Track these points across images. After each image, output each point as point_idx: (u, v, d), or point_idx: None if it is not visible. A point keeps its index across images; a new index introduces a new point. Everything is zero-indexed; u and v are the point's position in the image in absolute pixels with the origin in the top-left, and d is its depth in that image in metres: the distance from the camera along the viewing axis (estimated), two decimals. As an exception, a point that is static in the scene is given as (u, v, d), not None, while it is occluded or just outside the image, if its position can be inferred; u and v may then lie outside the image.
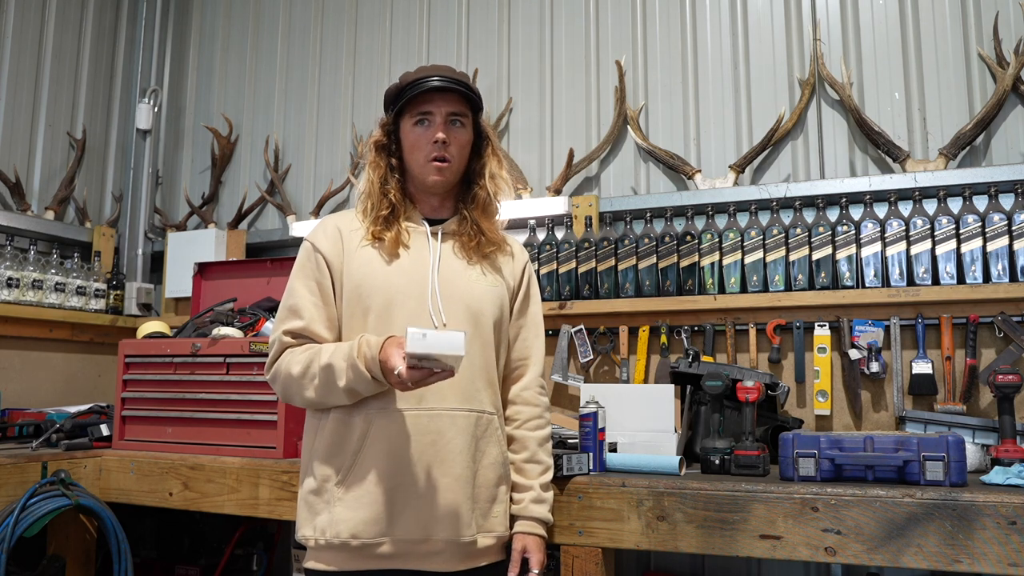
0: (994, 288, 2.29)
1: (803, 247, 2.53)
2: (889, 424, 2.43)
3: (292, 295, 1.65)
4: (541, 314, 1.83)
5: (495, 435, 1.66)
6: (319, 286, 1.64)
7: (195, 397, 2.45)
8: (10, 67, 3.32)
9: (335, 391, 1.55)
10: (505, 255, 1.77)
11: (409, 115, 1.66)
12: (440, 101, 1.65)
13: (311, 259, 1.66)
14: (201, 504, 2.29)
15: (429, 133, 1.64)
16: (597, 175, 3.02)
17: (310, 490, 1.60)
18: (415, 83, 1.65)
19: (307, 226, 3.33)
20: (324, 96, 3.58)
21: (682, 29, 2.98)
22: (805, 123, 2.76)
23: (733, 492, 1.75)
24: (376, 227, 1.65)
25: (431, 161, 1.64)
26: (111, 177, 3.72)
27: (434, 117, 1.65)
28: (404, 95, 1.65)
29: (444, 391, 1.57)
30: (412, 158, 1.67)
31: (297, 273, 1.67)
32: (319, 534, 1.56)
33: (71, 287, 3.22)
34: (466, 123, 1.69)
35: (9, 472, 2.20)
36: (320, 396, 1.57)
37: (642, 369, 2.69)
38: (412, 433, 1.57)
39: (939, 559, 1.58)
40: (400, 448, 1.56)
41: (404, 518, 1.55)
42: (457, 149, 1.67)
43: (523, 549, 1.66)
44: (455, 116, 1.66)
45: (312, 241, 1.68)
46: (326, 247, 1.66)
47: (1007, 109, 2.51)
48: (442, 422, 1.58)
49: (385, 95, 1.74)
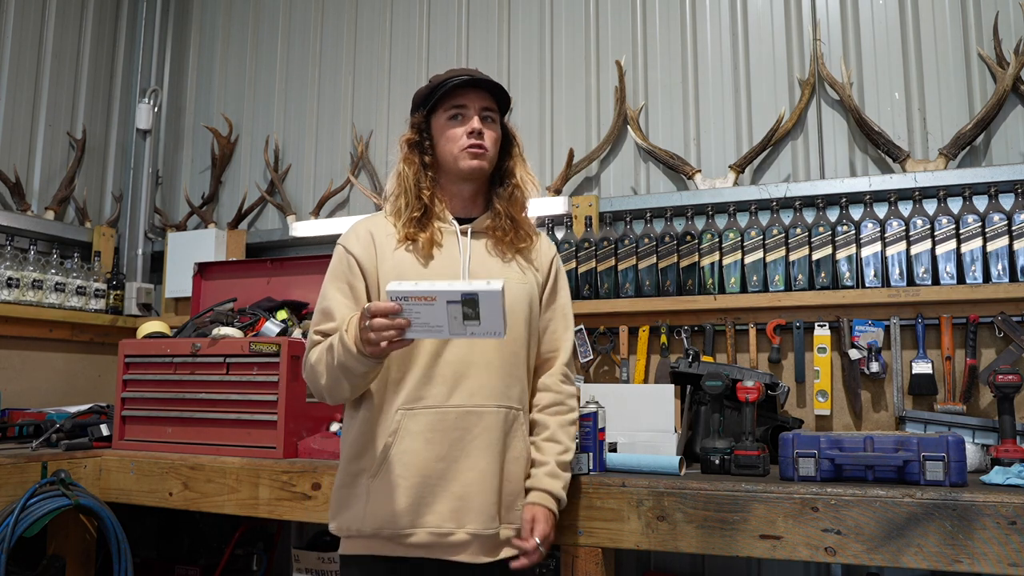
0: (994, 288, 2.29)
1: (803, 247, 2.53)
2: (889, 424, 2.43)
3: (325, 298, 1.68)
4: (570, 305, 1.84)
5: (520, 430, 1.67)
6: (351, 288, 1.67)
7: (195, 397, 2.45)
8: (10, 67, 3.32)
9: (334, 372, 1.56)
10: (535, 249, 1.78)
11: (443, 110, 1.70)
12: (474, 95, 1.69)
13: (343, 261, 1.69)
14: (201, 504, 2.29)
15: (464, 124, 1.68)
16: (597, 175, 3.02)
17: (344, 484, 1.66)
18: (447, 80, 1.68)
19: (307, 226, 3.34)
20: (324, 96, 3.58)
21: (682, 29, 2.98)
22: (805, 123, 2.76)
23: (733, 492, 1.75)
24: (410, 228, 1.67)
25: (467, 148, 1.66)
26: (111, 177, 3.72)
27: (468, 111, 1.68)
28: (438, 91, 1.68)
29: (473, 388, 1.61)
30: (447, 150, 1.69)
31: (330, 276, 1.70)
32: (353, 524, 1.62)
33: (71, 287, 3.22)
34: (496, 120, 1.73)
35: (9, 472, 2.20)
36: (329, 381, 1.59)
37: (642, 369, 2.69)
38: (440, 429, 1.60)
39: (939, 559, 1.58)
40: (429, 444, 1.59)
41: (433, 511, 1.58)
42: (491, 142, 1.70)
43: (532, 519, 1.63)
44: (487, 112, 1.70)
45: (344, 244, 1.71)
46: (358, 250, 1.68)
47: (1007, 109, 2.51)
48: (469, 419, 1.61)
49: (415, 96, 1.77)
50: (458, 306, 1.34)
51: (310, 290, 2.88)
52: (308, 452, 2.32)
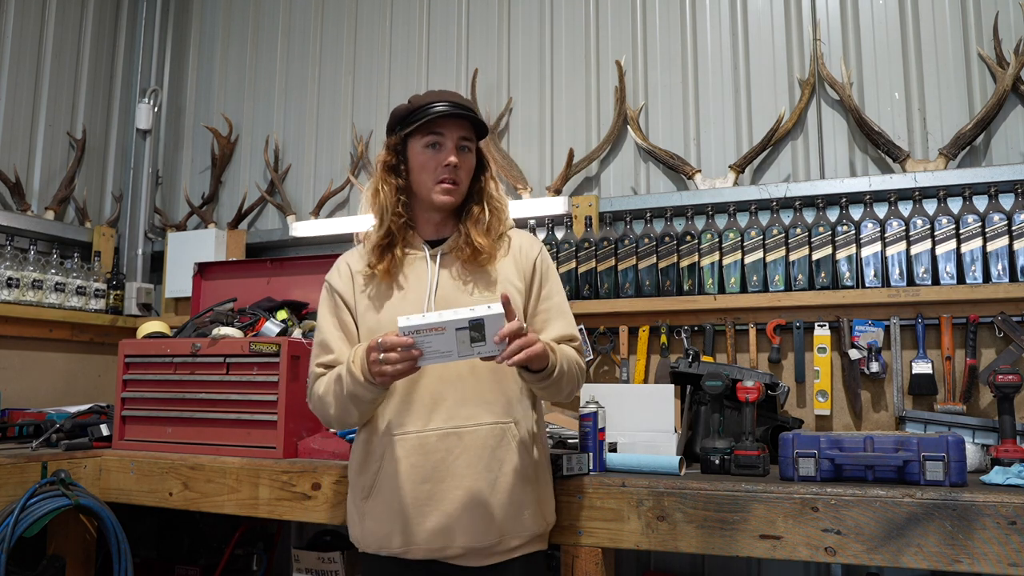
0: (994, 288, 2.29)
1: (803, 247, 2.53)
2: (889, 424, 2.43)
3: (320, 331, 1.75)
4: (563, 298, 1.81)
5: (515, 442, 1.67)
6: (341, 323, 1.74)
7: (195, 397, 2.45)
8: (10, 67, 3.32)
9: (343, 401, 1.62)
10: (507, 256, 1.76)
11: (420, 137, 1.70)
12: (452, 126, 1.70)
13: (331, 298, 1.77)
14: (201, 504, 2.29)
15: (440, 156, 1.69)
16: (597, 175, 3.02)
17: (351, 499, 1.77)
18: (427, 107, 1.68)
19: (307, 226, 3.34)
20: (324, 96, 3.58)
21: (682, 29, 2.98)
22: (805, 123, 2.76)
23: (733, 492, 1.75)
24: (372, 257, 1.72)
25: (440, 183, 1.69)
26: (111, 177, 3.72)
27: (446, 141, 1.69)
28: (415, 118, 1.69)
29: (452, 409, 1.64)
30: (420, 179, 1.71)
31: (321, 310, 1.78)
32: (358, 539, 1.73)
33: (71, 287, 3.22)
34: (472, 148, 1.75)
35: (9, 472, 2.20)
36: (338, 410, 1.65)
37: (642, 369, 2.69)
38: (421, 453, 1.64)
39: (939, 559, 1.58)
40: (412, 468, 1.64)
41: (423, 530, 1.62)
42: (465, 173, 1.73)
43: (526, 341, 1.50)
44: (464, 142, 1.72)
45: (329, 281, 1.79)
46: (340, 286, 1.76)
47: (1007, 109, 2.51)
48: (448, 441, 1.64)
49: (392, 115, 1.77)
50: (466, 331, 1.45)
51: (310, 290, 2.88)
52: (308, 452, 2.32)
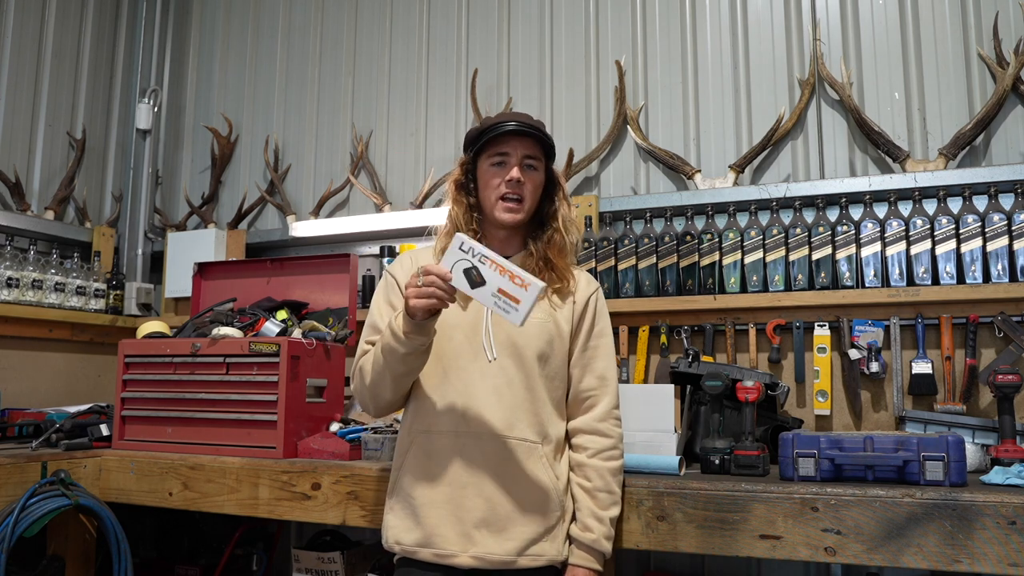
0: (994, 288, 2.29)
1: (803, 247, 2.53)
2: (889, 424, 2.43)
3: (372, 315, 1.81)
4: (612, 345, 1.84)
5: (539, 463, 1.67)
6: (392, 307, 1.78)
7: (195, 397, 2.45)
8: (10, 67, 3.32)
9: (379, 364, 1.66)
10: (567, 292, 1.79)
11: (487, 155, 1.76)
12: (517, 144, 1.74)
13: (389, 286, 1.83)
14: (201, 504, 2.29)
15: (504, 172, 1.74)
16: (597, 175, 3.02)
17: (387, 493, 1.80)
18: (494, 126, 1.75)
19: (307, 226, 3.34)
20: (324, 96, 3.58)
21: (682, 29, 2.98)
22: (805, 123, 2.76)
23: (733, 492, 1.75)
24: None
25: (502, 199, 1.74)
26: (111, 177, 3.72)
27: (510, 158, 1.74)
28: (483, 137, 1.75)
29: (483, 416, 1.67)
30: (485, 195, 1.77)
31: (377, 297, 1.84)
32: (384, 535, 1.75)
33: (71, 287, 3.22)
34: (539, 167, 1.78)
35: (9, 472, 2.20)
36: (373, 376, 1.68)
37: (642, 369, 2.69)
38: (443, 454, 1.67)
39: (939, 559, 1.58)
40: (433, 468, 1.68)
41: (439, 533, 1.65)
42: (531, 190, 1.76)
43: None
44: (530, 159, 1.75)
45: (391, 272, 1.86)
46: (402, 277, 1.80)
47: (1007, 109, 2.51)
48: (469, 445, 1.66)
49: (466, 136, 1.83)
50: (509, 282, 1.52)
51: (310, 290, 2.88)
52: (308, 452, 2.31)
